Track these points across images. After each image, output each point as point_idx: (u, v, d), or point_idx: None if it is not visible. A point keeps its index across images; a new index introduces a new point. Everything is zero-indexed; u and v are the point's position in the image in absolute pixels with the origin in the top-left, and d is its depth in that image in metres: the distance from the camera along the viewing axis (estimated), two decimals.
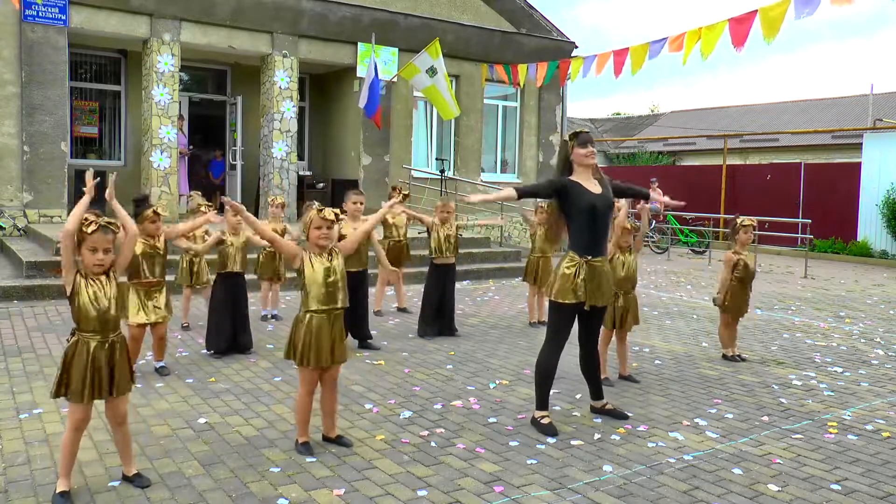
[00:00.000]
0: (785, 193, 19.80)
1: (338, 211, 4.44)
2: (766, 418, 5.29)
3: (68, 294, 3.65)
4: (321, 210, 4.33)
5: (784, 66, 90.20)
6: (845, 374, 6.63)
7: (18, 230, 12.06)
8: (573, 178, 4.93)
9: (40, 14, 12.18)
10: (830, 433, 5.00)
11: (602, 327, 5.56)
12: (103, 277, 3.69)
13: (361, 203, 7.06)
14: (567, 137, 5.04)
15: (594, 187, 4.92)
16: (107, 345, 3.68)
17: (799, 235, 17.38)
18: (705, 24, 9.70)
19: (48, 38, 12.34)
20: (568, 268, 4.89)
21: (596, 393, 5.30)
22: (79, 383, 3.62)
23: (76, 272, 3.64)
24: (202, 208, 7.46)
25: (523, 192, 5.05)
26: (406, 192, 8.92)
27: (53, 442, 4.40)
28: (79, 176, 12.94)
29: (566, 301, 4.87)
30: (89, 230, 3.60)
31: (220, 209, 7.93)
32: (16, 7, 11.26)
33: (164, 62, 13.30)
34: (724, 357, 7.05)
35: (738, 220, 6.99)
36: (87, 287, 3.64)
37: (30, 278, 9.30)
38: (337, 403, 4.63)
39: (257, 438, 4.60)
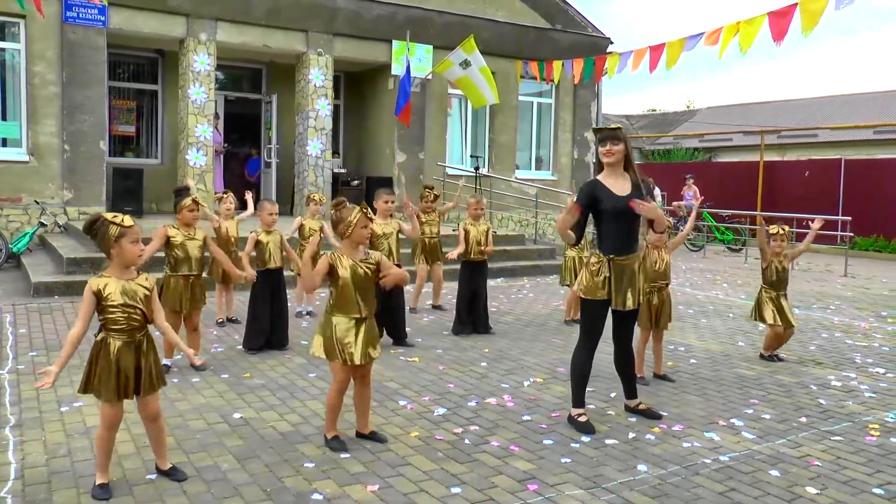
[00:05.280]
0: (824, 190, 19.44)
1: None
2: (804, 419, 5.20)
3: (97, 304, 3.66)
4: (366, 208, 4.39)
5: (823, 59, 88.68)
6: (888, 376, 6.49)
7: (59, 227, 12.29)
8: (601, 177, 4.85)
9: (80, 15, 12.39)
10: (872, 436, 4.89)
11: (638, 327, 5.52)
12: (134, 277, 3.74)
13: (392, 202, 7.25)
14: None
15: (622, 187, 4.78)
16: (133, 345, 3.70)
17: (839, 233, 17.05)
18: (743, 19, 9.58)
19: (88, 38, 12.55)
20: (593, 265, 4.86)
21: (630, 392, 5.26)
22: (106, 382, 3.64)
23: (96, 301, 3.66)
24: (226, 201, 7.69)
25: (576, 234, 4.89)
26: (437, 194, 8.96)
27: (93, 434, 4.44)
28: (117, 174, 13.23)
29: (592, 297, 4.85)
30: (127, 223, 3.67)
31: (250, 205, 8.04)
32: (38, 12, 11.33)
33: (201, 61, 13.46)
34: (762, 357, 6.95)
35: (768, 230, 6.90)
36: (115, 290, 3.65)
37: (70, 274, 9.48)
38: (371, 400, 4.64)
39: (292, 434, 4.64)
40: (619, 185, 4.80)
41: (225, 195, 7.81)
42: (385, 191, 7.41)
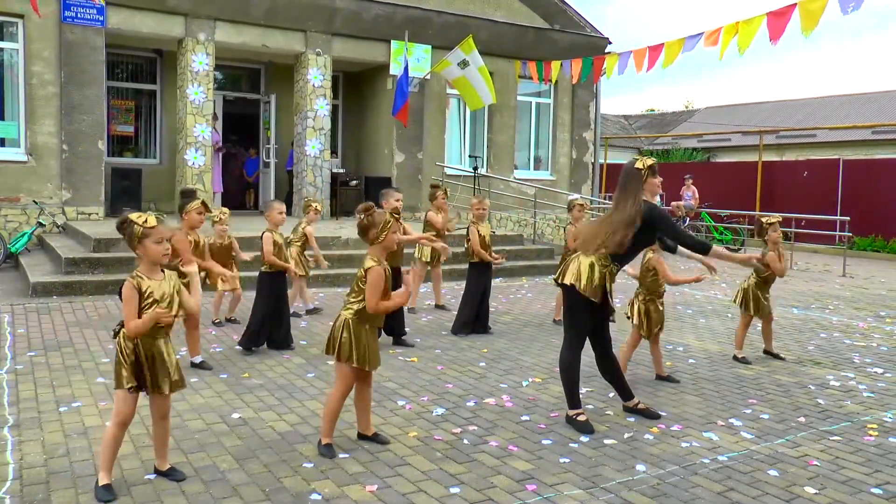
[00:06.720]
0: (822, 190, 19.43)
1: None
2: (802, 419, 5.20)
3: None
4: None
5: (821, 60, 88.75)
6: (886, 375, 6.50)
7: (58, 227, 12.29)
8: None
9: (79, 15, 12.38)
10: (870, 435, 4.90)
11: (632, 329, 5.53)
12: (162, 280, 3.77)
13: (401, 201, 7.34)
14: (638, 165, 5.11)
15: None
16: (161, 341, 3.76)
17: (837, 233, 17.06)
18: (742, 19, 9.60)
19: (86, 38, 12.54)
20: (603, 267, 4.83)
21: (624, 394, 5.24)
22: (131, 377, 3.69)
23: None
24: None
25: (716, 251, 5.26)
26: (446, 189, 8.99)
27: (92, 435, 4.47)
28: (115, 174, 13.22)
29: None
30: (150, 224, 3.69)
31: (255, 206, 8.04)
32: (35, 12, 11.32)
33: (199, 61, 13.46)
34: (735, 358, 6.88)
35: (764, 220, 6.90)
36: (151, 290, 3.69)
37: (68, 274, 9.46)
38: (371, 401, 4.64)
39: (290, 434, 4.64)
40: None
41: (221, 216, 7.72)
42: (394, 189, 7.55)
